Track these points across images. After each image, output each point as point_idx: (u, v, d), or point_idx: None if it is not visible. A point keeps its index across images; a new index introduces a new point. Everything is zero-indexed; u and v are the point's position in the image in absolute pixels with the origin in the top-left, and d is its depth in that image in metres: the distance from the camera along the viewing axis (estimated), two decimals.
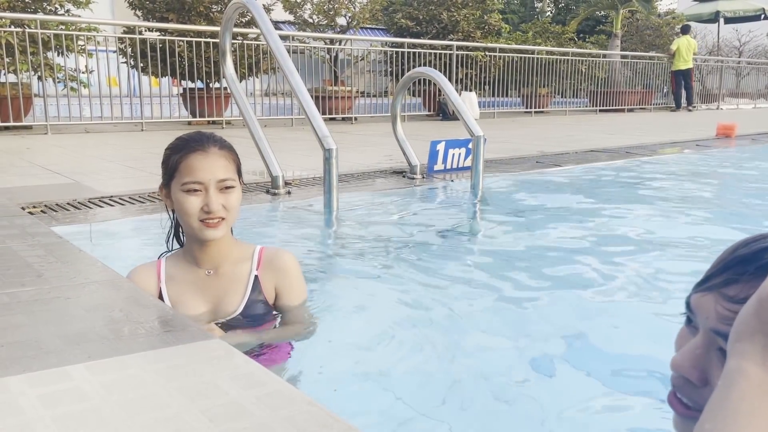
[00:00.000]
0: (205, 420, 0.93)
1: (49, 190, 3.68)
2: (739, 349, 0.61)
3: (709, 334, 0.68)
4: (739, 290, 0.65)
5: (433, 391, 1.63)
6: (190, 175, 1.62)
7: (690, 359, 0.68)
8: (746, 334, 0.61)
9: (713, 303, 0.67)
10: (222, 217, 1.65)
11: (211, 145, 1.66)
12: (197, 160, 1.63)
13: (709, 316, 0.68)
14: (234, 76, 4.23)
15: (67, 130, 8.14)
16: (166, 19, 9.23)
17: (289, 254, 1.83)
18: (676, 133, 8.65)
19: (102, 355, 1.16)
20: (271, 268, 1.76)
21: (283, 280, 1.77)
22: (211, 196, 1.63)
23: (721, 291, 0.67)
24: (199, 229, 1.65)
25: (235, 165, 1.71)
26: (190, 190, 1.63)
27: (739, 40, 22.04)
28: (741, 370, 0.59)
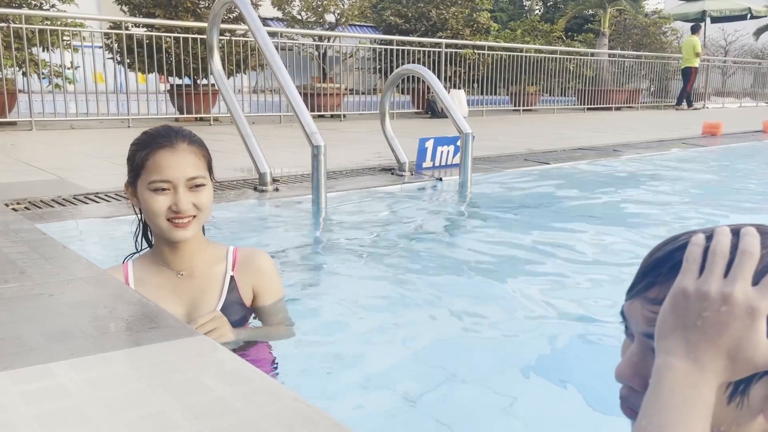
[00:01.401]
0: (189, 417, 0.92)
1: (33, 187, 3.64)
2: (663, 346, 0.64)
3: (641, 338, 0.70)
4: (659, 292, 0.68)
5: (418, 386, 1.63)
6: (157, 174, 1.54)
7: (629, 366, 0.70)
8: (667, 330, 0.64)
9: (640, 308, 0.70)
10: (193, 215, 1.58)
11: (179, 141, 1.56)
12: (165, 158, 1.54)
13: (639, 321, 0.70)
14: (221, 72, 4.20)
15: (52, 126, 8.06)
16: (153, 14, 9.16)
17: (264, 254, 1.76)
18: (663, 132, 8.71)
19: (85, 352, 1.14)
20: (248, 269, 1.70)
21: (261, 281, 1.71)
22: (180, 195, 1.54)
23: (644, 295, 0.70)
24: (167, 230, 1.58)
25: (206, 161, 1.62)
26: (157, 189, 1.54)
27: (725, 39, 22.24)
28: (667, 365, 0.62)
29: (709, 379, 0.61)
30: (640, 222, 3.45)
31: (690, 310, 0.62)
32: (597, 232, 3.24)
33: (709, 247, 0.64)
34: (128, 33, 8.66)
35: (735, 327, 0.60)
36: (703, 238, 0.65)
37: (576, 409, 1.54)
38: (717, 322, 0.61)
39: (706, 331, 0.61)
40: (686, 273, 0.63)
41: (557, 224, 3.42)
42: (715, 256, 0.63)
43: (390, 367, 1.75)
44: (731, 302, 0.60)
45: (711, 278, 0.62)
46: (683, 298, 0.63)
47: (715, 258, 0.63)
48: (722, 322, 0.61)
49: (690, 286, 0.62)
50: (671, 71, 17.17)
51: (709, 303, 0.61)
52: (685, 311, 0.62)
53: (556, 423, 1.51)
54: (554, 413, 1.53)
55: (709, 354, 0.61)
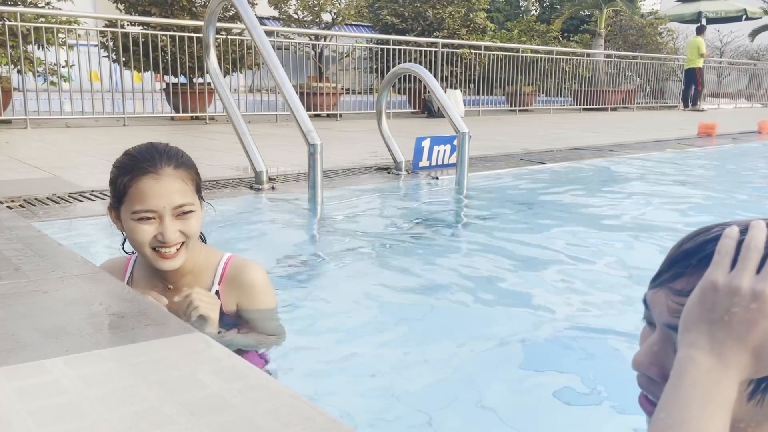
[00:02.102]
0: (185, 413, 0.92)
1: (28, 185, 3.62)
2: (687, 339, 0.63)
3: (663, 329, 0.69)
4: (686, 283, 0.66)
5: (413, 383, 1.63)
6: (141, 203, 1.44)
7: (648, 356, 0.69)
8: (692, 323, 0.63)
9: (664, 298, 0.69)
10: (181, 242, 1.50)
11: (164, 165, 1.45)
12: (148, 186, 1.43)
13: (662, 312, 0.69)
14: (218, 71, 4.19)
15: (47, 124, 8.03)
16: (149, 12, 9.13)
17: (255, 267, 1.64)
18: (659, 132, 8.73)
19: (80, 349, 1.14)
20: (234, 285, 1.60)
21: (247, 297, 1.60)
22: (166, 225, 1.45)
23: (670, 285, 0.68)
24: (153, 259, 1.50)
25: (194, 184, 1.52)
26: (141, 219, 1.45)
27: (720, 40, 22.30)
28: (690, 359, 0.61)
29: (732, 375, 0.60)
30: (635, 221, 3.45)
31: (718, 304, 0.61)
32: (593, 231, 3.25)
33: (743, 241, 0.62)
34: (124, 31, 8.63)
35: (763, 325, 0.59)
36: (738, 231, 0.63)
37: (567, 402, 1.54)
38: (745, 318, 0.60)
39: (733, 327, 0.60)
40: (717, 266, 0.62)
41: (553, 223, 3.42)
42: (749, 251, 0.61)
43: (385, 365, 1.75)
44: (762, 299, 0.59)
45: (743, 273, 0.60)
46: (712, 291, 0.61)
47: (749, 252, 0.61)
48: (751, 319, 0.59)
49: (720, 280, 0.61)
50: (667, 72, 17.21)
51: (739, 298, 0.60)
52: (714, 305, 0.61)
53: (549, 417, 1.51)
54: (546, 406, 1.53)
55: (734, 350, 0.60)
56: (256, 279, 1.61)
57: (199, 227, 1.55)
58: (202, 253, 1.64)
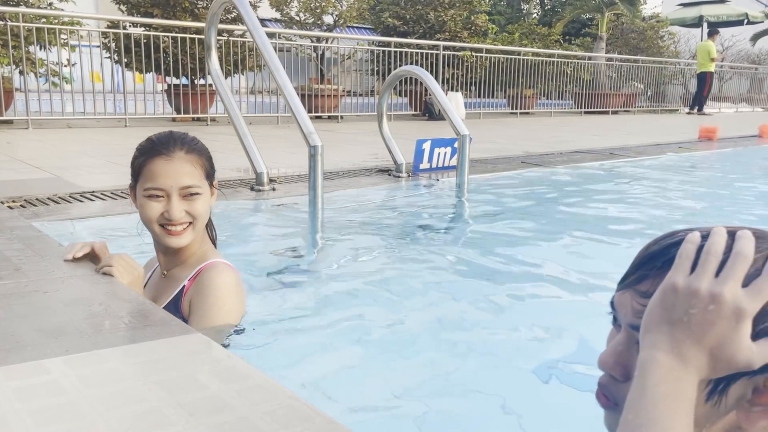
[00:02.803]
0: (184, 413, 0.92)
1: (29, 185, 3.63)
2: (649, 339, 0.65)
3: (628, 329, 0.71)
4: (650, 285, 0.68)
5: (411, 387, 1.63)
6: (151, 181, 1.57)
7: (613, 355, 0.71)
8: (654, 324, 0.65)
9: (630, 299, 0.71)
10: (188, 222, 1.60)
11: (177, 150, 1.59)
12: (160, 166, 1.57)
13: (627, 313, 0.71)
14: (219, 72, 4.20)
15: (49, 125, 8.04)
16: (151, 14, 9.15)
17: (223, 274, 1.60)
18: (660, 136, 8.73)
19: (80, 349, 1.14)
20: (197, 283, 1.61)
21: (197, 297, 1.58)
22: (173, 203, 1.57)
23: (636, 287, 0.70)
24: (161, 235, 1.61)
25: (203, 170, 1.63)
26: (151, 196, 1.58)
27: (722, 44, 22.28)
28: (652, 359, 0.63)
29: (692, 374, 0.62)
30: (635, 225, 3.45)
31: (678, 305, 0.63)
32: (593, 234, 3.25)
33: (703, 246, 0.65)
34: (126, 32, 8.65)
35: (720, 326, 0.61)
36: (699, 237, 0.66)
37: (570, 406, 1.54)
38: (703, 319, 0.62)
39: (691, 328, 0.62)
40: (678, 269, 0.64)
41: (553, 226, 3.42)
42: (708, 255, 0.64)
43: (383, 367, 1.75)
44: (719, 301, 0.61)
45: (702, 276, 0.63)
46: (672, 292, 0.64)
47: (709, 257, 0.63)
48: (708, 321, 0.61)
49: (680, 282, 0.63)
50: (668, 75, 17.22)
51: (698, 300, 0.62)
52: (673, 306, 0.63)
53: (549, 420, 1.51)
54: (548, 411, 1.53)
55: (693, 350, 0.62)
56: (213, 279, 1.59)
57: (207, 211, 1.65)
58: (203, 247, 1.71)
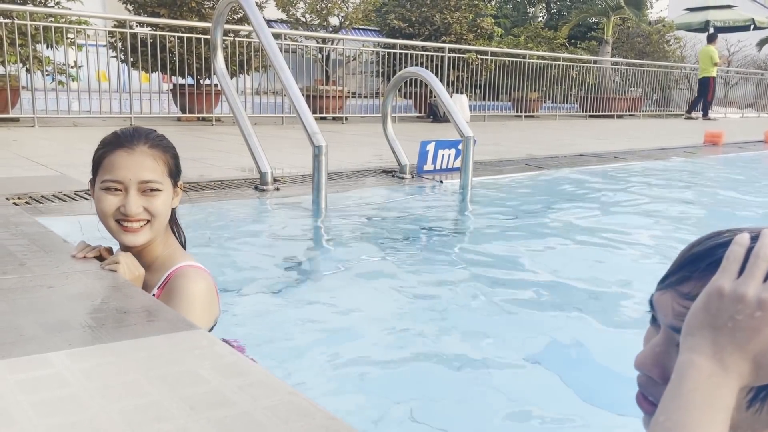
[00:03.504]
0: (185, 408, 0.92)
1: (34, 182, 3.64)
2: (690, 343, 0.63)
3: (667, 331, 0.69)
4: (693, 287, 0.67)
5: (413, 386, 1.63)
6: (109, 173, 1.52)
7: (651, 357, 0.70)
8: (696, 328, 0.63)
9: (670, 300, 0.69)
10: (146, 220, 1.54)
11: (140, 143, 1.54)
12: (120, 158, 1.52)
13: (667, 314, 0.69)
14: (225, 72, 4.21)
15: (55, 123, 8.07)
16: (158, 14, 9.18)
17: (193, 281, 1.54)
18: (665, 140, 8.72)
19: (83, 343, 1.14)
20: (168, 290, 1.55)
21: (169, 303, 1.49)
22: (130, 197, 1.51)
23: (677, 288, 0.69)
24: (116, 231, 1.55)
25: (166, 167, 1.57)
26: (108, 189, 1.52)
27: (728, 49, 22.24)
28: (692, 363, 0.62)
29: (732, 381, 0.60)
30: (639, 228, 3.45)
31: (723, 310, 0.61)
32: (595, 237, 3.24)
33: (752, 249, 0.62)
34: (132, 32, 8.68)
35: (766, 333, 0.59)
36: (748, 239, 0.63)
37: (570, 406, 1.54)
38: (749, 326, 0.60)
39: (736, 334, 0.60)
40: (725, 272, 0.62)
41: (556, 228, 3.42)
42: (758, 259, 0.61)
43: (386, 366, 1.75)
44: (767, 308, 0.59)
45: (750, 281, 0.61)
46: (718, 297, 0.61)
47: (758, 261, 0.61)
48: (754, 327, 0.60)
49: (727, 286, 0.61)
50: (674, 80, 17.18)
51: (744, 306, 0.60)
52: (718, 311, 0.61)
53: (550, 421, 1.51)
54: (550, 410, 1.53)
55: (736, 357, 0.60)
56: (184, 287, 1.52)
57: (166, 209, 1.58)
58: (167, 251, 1.63)
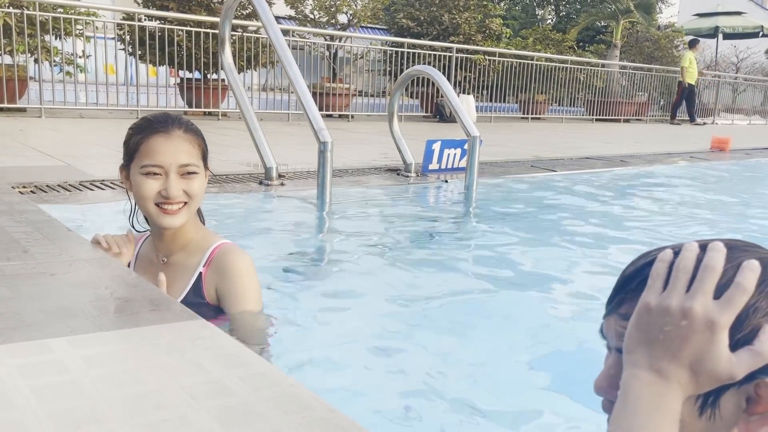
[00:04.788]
0: (186, 397, 0.92)
1: (40, 172, 3.65)
2: (630, 360, 0.66)
3: (616, 353, 0.71)
4: (629, 307, 0.69)
5: (416, 383, 1.62)
6: (149, 158, 1.54)
7: (606, 379, 0.72)
8: (633, 345, 0.66)
9: (613, 324, 0.72)
10: (183, 202, 1.58)
11: (175, 128, 1.57)
12: (158, 143, 1.55)
13: (612, 337, 0.72)
14: (232, 66, 4.21)
15: (62, 114, 8.09)
16: (166, 7, 9.19)
17: (242, 257, 1.63)
18: (672, 145, 8.69)
19: (85, 330, 1.14)
20: (216, 269, 1.60)
21: (224, 283, 1.59)
22: (171, 180, 1.55)
23: (617, 311, 0.71)
24: (156, 215, 1.58)
25: (200, 150, 1.62)
26: (149, 173, 1.55)
27: (737, 56, 22.18)
28: (633, 376, 0.64)
29: (675, 389, 0.62)
30: (642, 232, 3.43)
31: (652, 324, 0.64)
32: (600, 240, 3.23)
33: (674, 263, 0.65)
34: (141, 24, 8.69)
35: (695, 340, 0.61)
36: (671, 254, 0.66)
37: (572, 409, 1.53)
38: (678, 335, 0.62)
39: (668, 345, 0.62)
40: (650, 289, 0.65)
41: (561, 230, 3.41)
42: (678, 272, 0.64)
43: (389, 364, 1.74)
44: (691, 316, 0.61)
45: (673, 293, 0.63)
46: (646, 312, 0.64)
47: (678, 273, 0.64)
48: (683, 336, 0.62)
49: (653, 301, 0.64)
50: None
51: (670, 317, 0.62)
52: (648, 326, 0.64)
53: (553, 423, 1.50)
54: (555, 414, 1.53)
55: (672, 366, 0.62)
56: (237, 264, 1.61)
57: (202, 191, 1.63)
58: (199, 232, 1.69)
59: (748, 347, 0.62)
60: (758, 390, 0.63)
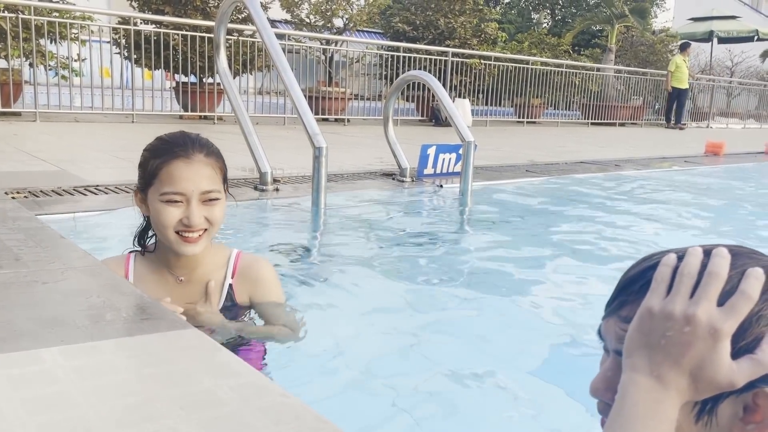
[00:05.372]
0: (175, 407, 0.92)
1: (34, 177, 3.64)
2: (629, 363, 0.65)
3: (614, 355, 0.71)
4: (630, 310, 0.69)
5: (410, 389, 1.62)
6: (171, 185, 1.48)
7: (603, 381, 0.71)
8: (633, 348, 0.65)
9: (613, 325, 0.71)
10: (204, 229, 1.53)
11: (196, 152, 1.50)
12: (180, 169, 1.48)
13: (611, 339, 0.71)
14: (227, 70, 4.21)
15: (57, 118, 8.07)
16: (162, 11, 9.18)
17: (264, 263, 1.73)
18: (666, 149, 8.72)
19: (76, 340, 1.14)
20: (247, 278, 1.66)
21: (258, 290, 1.67)
22: (192, 208, 1.49)
23: (618, 313, 0.71)
24: (176, 243, 1.52)
25: (221, 174, 1.57)
26: (170, 201, 1.48)
27: (731, 60, 22.26)
28: (632, 381, 0.64)
29: (673, 396, 0.62)
30: (636, 235, 3.44)
31: (655, 329, 0.63)
32: (595, 243, 3.24)
33: (678, 268, 0.65)
34: (136, 29, 8.68)
35: (697, 347, 0.61)
36: (675, 258, 0.66)
37: (568, 417, 1.53)
38: (680, 341, 0.62)
39: (669, 351, 0.62)
40: (654, 293, 0.65)
41: (555, 234, 3.42)
42: (682, 277, 0.64)
43: (383, 368, 1.74)
44: (694, 323, 0.61)
45: (676, 298, 0.63)
46: (648, 317, 0.64)
47: (683, 278, 0.64)
48: (685, 342, 0.62)
49: (656, 306, 0.64)
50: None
51: (673, 323, 0.62)
52: (650, 330, 0.63)
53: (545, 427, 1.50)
54: (548, 420, 1.53)
55: (672, 373, 0.62)
56: (266, 272, 1.71)
57: (223, 217, 1.59)
58: (213, 249, 1.68)
59: (750, 356, 0.61)
60: (756, 399, 0.63)
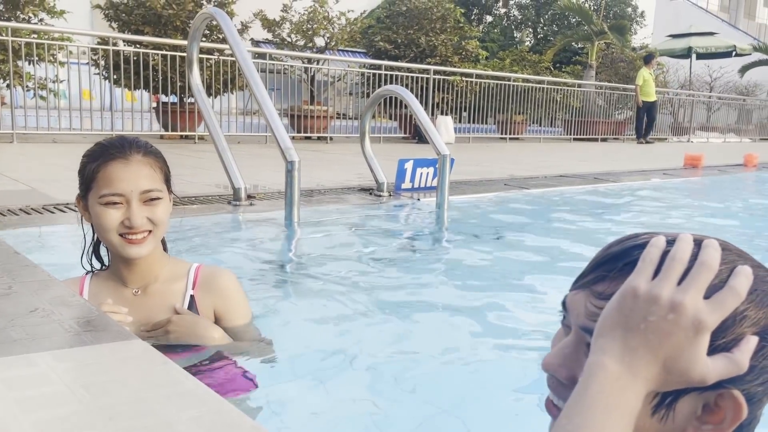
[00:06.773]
0: (104, 418, 0.88)
1: (2, 196, 3.58)
2: (600, 344, 0.61)
3: (578, 332, 0.67)
4: (607, 286, 0.65)
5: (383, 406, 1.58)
6: (108, 186, 1.46)
7: (559, 357, 0.68)
8: (608, 328, 0.61)
9: (584, 300, 0.67)
10: (148, 230, 1.50)
11: (133, 152, 1.49)
12: (117, 170, 1.46)
13: (579, 314, 0.67)
14: (200, 87, 4.19)
15: (34, 139, 8.00)
16: (142, 32, 9.18)
17: (227, 274, 1.69)
18: (646, 162, 8.79)
19: (9, 353, 1.10)
20: (209, 290, 1.62)
21: (223, 302, 1.63)
22: (133, 209, 1.47)
23: (592, 288, 0.67)
24: (120, 246, 1.50)
25: (162, 174, 1.55)
26: (108, 203, 1.47)
27: (710, 75, 22.61)
28: (600, 365, 0.60)
29: (639, 385, 0.59)
30: None
31: (636, 311, 0.60)
32: (572, 255, 3.23)
33: (668, 252, 0.62)
34: (116, 49, 8.66)
35: (677, 337, 0.58)
36: (665, 242, 0.63)
37: None
38: (661, 328, 0.59)
39: (647, 336, 0.59)
40: (640, 273, 0.61)
41: (532, 248, 3.40)
42: (673, 261, 0.60)
43: (354, 385, 1.70)
44: (680, 311, 0.58)
45: (664, 283, 0.60)
46: (632, 297, 0.60)
47: (673, 263, 0.60)
48: (666, 330, 0.58)
49: (642, 287, 0.60)
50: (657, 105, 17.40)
51: (658, 308, 0.59)
52: (631, 311, 0.60)
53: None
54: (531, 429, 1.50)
55: (645, 360, 0.59)
56: (229, 283, 1.67)
57: (167, 217, 1.56)
58: (170, 262, 1.65)
59: (727, 354, 0.59)
60: (719, 400, 0.61)
